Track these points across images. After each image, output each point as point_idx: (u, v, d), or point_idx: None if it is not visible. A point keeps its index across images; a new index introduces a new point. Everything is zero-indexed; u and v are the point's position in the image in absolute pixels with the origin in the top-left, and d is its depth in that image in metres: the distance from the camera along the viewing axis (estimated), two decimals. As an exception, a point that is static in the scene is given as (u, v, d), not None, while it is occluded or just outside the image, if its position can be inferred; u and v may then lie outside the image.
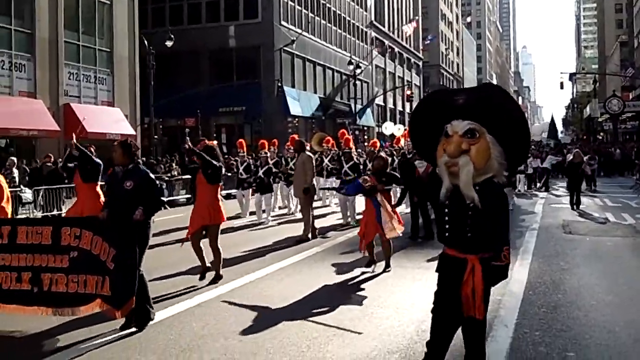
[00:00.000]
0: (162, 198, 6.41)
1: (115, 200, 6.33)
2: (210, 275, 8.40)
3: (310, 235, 12.18)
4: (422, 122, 4.75)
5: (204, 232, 8.46)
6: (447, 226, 4.48)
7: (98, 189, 9.40)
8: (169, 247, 11.51)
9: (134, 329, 6.13)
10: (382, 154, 11.69)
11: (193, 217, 8.37)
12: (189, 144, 8.45)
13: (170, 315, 6.74)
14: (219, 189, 8.59)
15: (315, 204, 20.05)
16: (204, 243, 8.43)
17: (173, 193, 22.78)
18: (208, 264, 8.34)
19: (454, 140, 4.35)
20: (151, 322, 6.30)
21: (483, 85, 4.96)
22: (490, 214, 4.30)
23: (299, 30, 44.67)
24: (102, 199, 9.00)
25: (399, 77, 72.65)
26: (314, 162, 13.03)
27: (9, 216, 7.39)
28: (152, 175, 6.41)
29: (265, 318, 6.61)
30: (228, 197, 23.42)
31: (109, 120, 29.30)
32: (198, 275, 8.31)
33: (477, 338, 4.57)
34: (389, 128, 50.65)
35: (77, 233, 6.09)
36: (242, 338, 5.93)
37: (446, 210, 4.48)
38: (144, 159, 29.99)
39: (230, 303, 7.30)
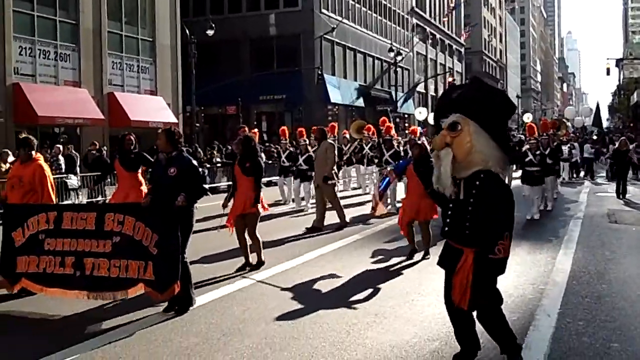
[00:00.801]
0: (205, 185, 6.49)
1: (159, 187, 6.44)
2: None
3: (346, 220, 12.19)
4: (437, 119, 4.85)
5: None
6: (447, 220, 4.53)
7: (140, 177, 9.53)
8: (211, 233, 11.61)
9: (176, 313, 6.24)
10: (422, 140, 11.59)
11: (233, 206, 8.45)
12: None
13: (212, 300, 6.84)
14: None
15: (354, 192, 20.16)
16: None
17: (215, 180, 23.03)
18: (250, 260, 8.40)
19: (440, 134, 4.49)
20: (193, 306, 6.41)
21: (471, 79, 5.07)
22: (488, 206, 4.36)
23: (339, 18, 44.47)
24: (144, 187, 9.17)
25: (440, 64, 71.82)
26: (335, 150, 12.84)
27: (54, 202, 7.58)
28: (195, 163, 6.50)
29: (306, 304, 6.66)
30: (269, 184, 23.64)
31: (152, 108, 29.70)
32: (241, 264, 8.38)
33: (493, 325, 4.65)
34: (422, 113, 49.98)
35: (120, 219, 6.22)
36: (282, 323, 5.99)
37: (450, 204, 4.53)
38: (187, 146, 30.47)
39: (271, 288, 7.37)
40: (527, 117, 31.14)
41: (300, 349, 5.24)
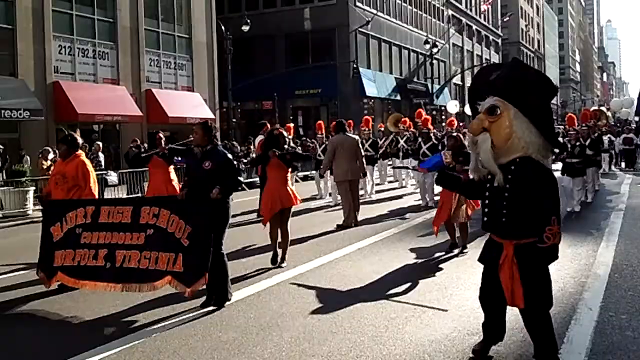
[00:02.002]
0: (240, 178, 6.55)
1: (194, 180, 6.51)
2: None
3: (349, 222, 11.59)
4: (472, 102, 4.72)
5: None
6: (485, 210, 4.45)
7: (172, 173, 9.63)
8: (248, 227, 11.76)
9: (214, 307, 6.31)
10: (457, 133, 11.45)
11: (265, 202, 8.47)
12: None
13: (250, 294, 6.90)
14: (288, 173, 8.63)
15: (390, 185, 20.10)
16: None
17: (252, 175, 23.16)
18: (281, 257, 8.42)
19: (478, 118, 4.33)
20: (231, 301, 6.47)
21: (512, 60, 4.87)
22: (530, 195, 4.23)
23: (374, 11, 44.26)
24: (175, 182, 9.29)
25: (477, 55, 70.98)
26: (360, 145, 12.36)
27: (96, 197, 7.73)
28: (230, 156, 6.56)
29: (343, 298, 6.67)
30: (305, 178, 23.73)
31: (189, 105, 30.02)
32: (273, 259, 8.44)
33: (536, 327, 4.50)
34: (457, 106, 48.32)
35: (155, 212, 6.31)
36: (321, 317, 6.00)
37: (487, 193, 4.43)
38: (226, 141, 30.71)
39: (309, 283, 7.40)
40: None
41: (338, 343, 5.25)
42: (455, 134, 10.84)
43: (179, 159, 9.64)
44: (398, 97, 48.94)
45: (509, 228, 4.35)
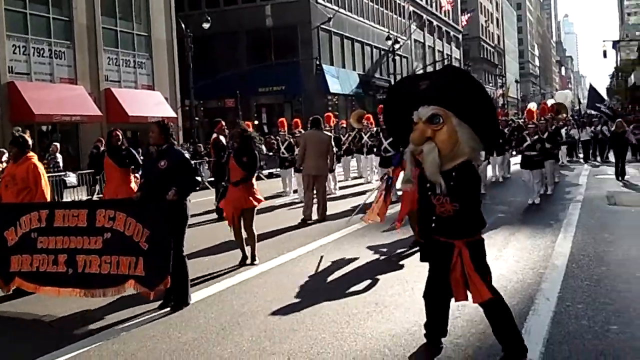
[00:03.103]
0: (198, 178, 6.44)
1: (150, 181, 6.41)
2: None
3: (308, 215, 11.80)
4: (392, 113, 4.78)
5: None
6: (432, 216, 4.51)
7: (130, 173, 9.43)
8: (210, 226, 11.66)
9: (174, 309, 6.23)
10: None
11: (227, 203, 8.38)
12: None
13: (212, 294, 6.84)
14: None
15: (355, 181, 20.15)
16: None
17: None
18: (248, 254, 8.36)
19: (418, 127, 4.35)
20: (192, 301, 6.40)
21: (444, 68, 4.95)
22: (462, 196, 4.35)
23: (336, 8, 44.35)
24: (133, 183, 9.10)
25: (438, 51, 71.65)
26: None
27: (48, 200, 7.56)
28: (187, 156, 6.46)
29: (306, 295, 6.66)
30: (270, 175, 23.65)
31: (150, 103, 29.70)
32: (239, 257, 8.36)
33: (499, 318, 4.60)
34: None
35: (111, 215, 6.19)
36: (282, 315, 5.98)
37: (430, 196, 4.48)
38: (190, 141, 30.46)
39: (271, 281, 7.37)
40: (532, 106, 30.66)
41: (299, 341, 5.23)
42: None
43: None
44: (362, 93, 49.11)
45: (459, 229, 4.43)
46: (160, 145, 6.40)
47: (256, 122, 41.75)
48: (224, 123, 13.45)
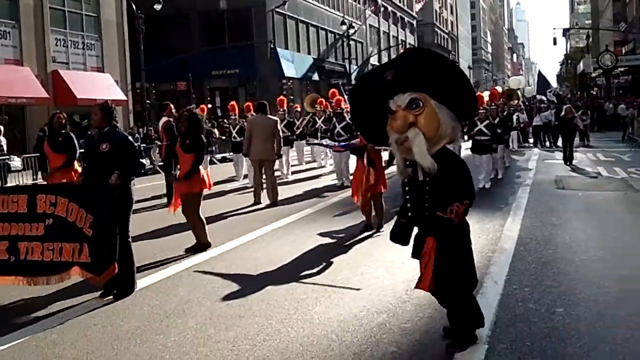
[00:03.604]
0: (142, 161, 6.23)
1: (92, 165, 6.19)
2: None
3: (257, 200, 11.89)
4: (362, 108, 4.69)
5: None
6: (408, 205, 4.45)
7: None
8: (161, 211, 11.42)
9: (117, 296, 6.05)
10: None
11: (176, 188, 8.17)
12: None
13: (158, 281, 6.67)
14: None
15: (308, 166, 20.07)
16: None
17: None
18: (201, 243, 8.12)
19: (399, 115, 4.27)
20: (137, 288, 6.24)
21: (405, 53, 4.87)
22: (452, 181, 4.28)
23: (290, -9, 43.94)
24: (76, 168, 8.80)
25: (393, 36, 71.86)
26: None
27: None
28: (131, 139, 6.22)
29: (254, 281, 6.55)
30: (224, 160, 23.38)
31: (99, 86, 28.90)
32: (190, 242, 8.15)
33: (450, 305, 4.65)
34: None
35: (52, 200, 5.95)
36: (229, 302, 5.86)
37: (407, 188, 4.43)
38: (139, 124, 29.86)
39: (220, 266, 7.23)
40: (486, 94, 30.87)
41: (246, 328, 5.13)
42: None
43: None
44: (316, 78, 48.96)
45: (431, 219, 4.37)
46: (102, 128, 6.17)
47: (209, 106, 41.27)
48: (172, 106, 13.16)
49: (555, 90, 30.38)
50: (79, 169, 8.75)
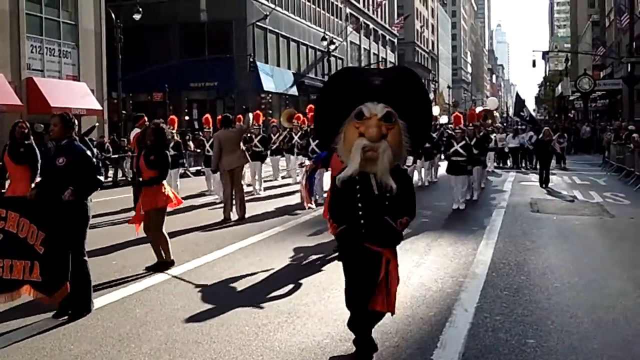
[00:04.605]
0: (100, 177, 5.91)
1: (48, 179, 5.87)
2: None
3: (227, 215, 11.66)
4: (333, 100, 4.48)
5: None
6: (362, 221, 4.24)
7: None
8: (121, 227, 11.07)
9: (70, 318, 5.74)
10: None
11: (138, 204, 7.88)
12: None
13: (114, 301, 6.36)
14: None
15: (284, 181, 19.80)
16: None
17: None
18: (163, 257, 7.84)
19: (375, 124, 4.10)
20: (94, 309, 5.93)
21: (398, 68, 4.78)
22: (404, 199, 4.24)
23: (272, 6, 43.95)
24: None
25: (374, 54, 72.16)
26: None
27: None
28: (89, 153, 5.85)
29: (215, 303, 6.27)
30: (198, 173, 23.04)
31: (75, 95, 28.51)
32: (151, 260, 7.85)
33: (370, 327, 4.61)
34: None
35: (2, 214, 5.62)
36: (187, 325, 5.58)
37: (359, 204, 4.23)
38: (115, 135, 29.39)
39: (181, 287, 6.94)
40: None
41: (202, 354, 4.86)
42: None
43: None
44: (296, 93, 48.84)
45: (391, 237, 4.26)
46: (60, 141, 5.85)
47: (187, 118, 40.94)
48: (146, 118, 12.87)
49: (528, 113, 30.60)
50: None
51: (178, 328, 5.51)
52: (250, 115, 12.26)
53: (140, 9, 32.64)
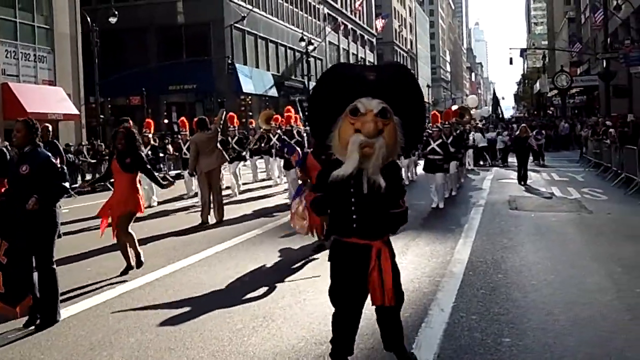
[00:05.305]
0: (66, 184, 5.77)
1: (12, 188, 5.73)
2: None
3: (205, 218, 11.60)
4: (327, 96, 4.40)
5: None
6: (354, 216, 4.17)
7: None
8: (95, 233, 10.92)
9: (40, 327, 5.63)
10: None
11: (108, 206, 7.76)
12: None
13: (88, 308, 6.26)
14: (137, 177, 7.92)
15: (263, 183, 19.73)
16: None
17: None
18: (133, 262, 7.77)
19: (371, 119, 4.03)
20: (62, 318, 5.82)
21: (393, 65, 4.76)
22: (394, 193, 4.18)
23: (250, 7, 43.80)
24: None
25: (353, 54, 72.25)
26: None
27: None
28: (53, 160, 5.74)
29: (190, 308, 6.19)
30: (178, 177, 22.85)
31: (51, 100, 28.22)
32: (123, 268, 7.76)
33: (393, 323, 4.43)
34: None
35: None
36: (160, 331, 5.49)
37: (352, 199, 4.16)
38: (92, 138, 29.09)
39: (155, 292, 6.85)
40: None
41: (174, 362, 4.78)
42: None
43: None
44: (275, 94, 48.73)
45: (381, 228, 4.22)
46: (23, 148, 5.71)
47: (166, 121, 40.69)
48: (132, 123, 12.80)
49: (500, 112, 31.07)
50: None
51: (151, 335, 5.42)
52: (224, 111, 12.13)
53: (116, 13, 32.36)
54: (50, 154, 5.77)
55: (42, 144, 5.87)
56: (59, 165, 5.77)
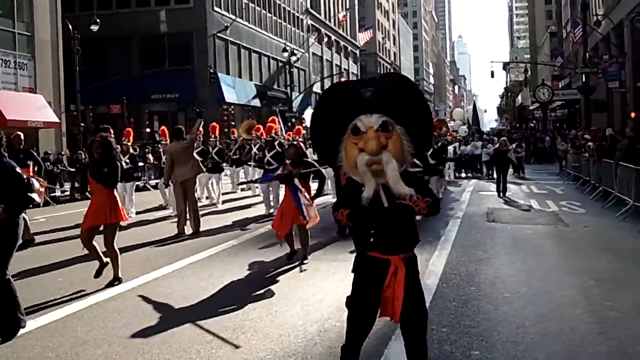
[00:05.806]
0: (32, 195, 5.69)
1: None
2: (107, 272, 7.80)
3: (181, 228, 11.55)
4: (327, 117, 4.36)
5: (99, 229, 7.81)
6: (372, 231, 4.13)
7: None
8: (71, 243, 10.83)
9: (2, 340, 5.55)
10: (297, 141, 11.27)
11: (87, 215, 7.70)
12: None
13: (56, 319, 6.18)
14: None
15: (244, 194, 19.66)
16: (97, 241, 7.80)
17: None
18: (106, 260, 7.71)
19: (372, 136, 4.00)
20: (29, 329, 5.74)
21: (389, 76, 4.68)
22: (423, 192, 4.07)
23: (233, 17, 43.86)
24: None
25: (336, 65, 72.56)
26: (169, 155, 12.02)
27: None
28: (19, 170, 5.64)
29: (160, 320, 6.14)
30: (157, 186, 22.74)
31: (31, 107, 27.98)
32: (94, 273, 7.70)
33: (417, 342, 4.35)
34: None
35: None
36: (128, 343, 5.44)
37: (370, 215, 4.11)
38: (74, 150, 28.83)
39: (126, 304, 6.78)
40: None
41: (140, 374, 4.73)
42: (295, 142, 10.64)
43: None
44: (258, 104, 48.75)
45: (402, 243, 4.16)
46: None
47: (148, 130, 40.51)
48: (112, 131, 12.69)
49: (478, 126, 31.34)
50: None
51: (118, 347, 5.36)
52: (202, 121, 12.07)
53: (98, 20, 32.21)
54: (15, 165, 5.67)
55: (7, 153, 5.76)
56: (25, 176, 5.68)
